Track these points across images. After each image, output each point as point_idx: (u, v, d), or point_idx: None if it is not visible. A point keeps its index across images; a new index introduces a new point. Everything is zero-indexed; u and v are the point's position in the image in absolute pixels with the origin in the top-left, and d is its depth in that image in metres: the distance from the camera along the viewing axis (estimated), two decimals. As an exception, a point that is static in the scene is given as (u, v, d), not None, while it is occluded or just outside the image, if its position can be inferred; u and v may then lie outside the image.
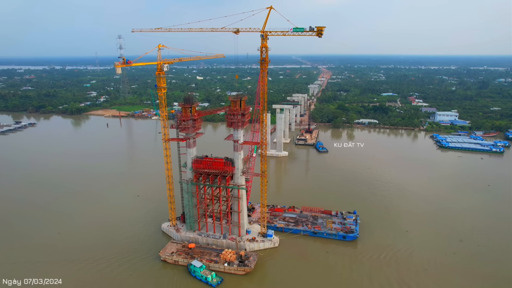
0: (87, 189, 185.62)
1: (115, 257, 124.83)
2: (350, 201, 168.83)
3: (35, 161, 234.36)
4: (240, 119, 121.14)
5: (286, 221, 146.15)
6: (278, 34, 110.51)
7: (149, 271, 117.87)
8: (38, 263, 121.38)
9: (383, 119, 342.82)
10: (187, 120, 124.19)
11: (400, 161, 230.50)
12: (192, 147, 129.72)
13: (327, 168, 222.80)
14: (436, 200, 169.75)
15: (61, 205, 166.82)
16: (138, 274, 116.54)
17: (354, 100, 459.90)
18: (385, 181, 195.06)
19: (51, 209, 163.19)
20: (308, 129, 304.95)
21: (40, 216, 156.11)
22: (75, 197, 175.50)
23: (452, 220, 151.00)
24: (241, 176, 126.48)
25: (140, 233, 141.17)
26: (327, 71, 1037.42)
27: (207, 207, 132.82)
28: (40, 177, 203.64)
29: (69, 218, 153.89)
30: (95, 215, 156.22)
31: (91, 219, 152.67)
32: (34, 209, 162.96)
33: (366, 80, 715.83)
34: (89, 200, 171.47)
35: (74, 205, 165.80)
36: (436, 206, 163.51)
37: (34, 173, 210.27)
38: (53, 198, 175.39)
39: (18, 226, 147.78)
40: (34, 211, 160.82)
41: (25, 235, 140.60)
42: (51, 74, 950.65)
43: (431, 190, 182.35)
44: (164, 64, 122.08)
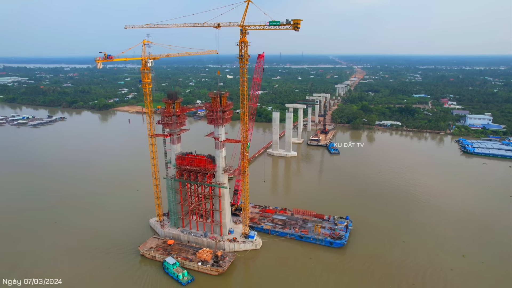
0: (90, 182, 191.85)
1: (97, 248, 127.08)
2: (349, 205, 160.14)
3: (44, 154, 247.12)
4: (220, 116, 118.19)
5: (274, 223, 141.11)
6: (256, 28, 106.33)
7: (126, 265, 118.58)
8: (33, 251, 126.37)
9: (408, 122, 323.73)
10: (170, 116, 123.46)
11: (416, 166, 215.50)
12: (176, 143, 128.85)
13: (334, 170, 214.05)
14: (444, 210, 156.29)
15: (58, 195, 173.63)
16: (115, 267, 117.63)
17: (381, 101, 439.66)
18: (393, 186, 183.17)
19: (49, 200, 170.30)
20: (323, 129, 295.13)
21: (39, 205, 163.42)
22: (74, 188, 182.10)
23: (458, 233, 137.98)
24: (223, 174, 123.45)
25: (128, 226, 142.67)
26: (362, 71, 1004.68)
27: (190, 205, 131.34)
28: (43, 169, 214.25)
29: (67, 208, 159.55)
30: (93, 206, 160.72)
31: (87, 210, 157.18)
32: (33, 198, 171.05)
33: (400, 80, 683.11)
34: (88, 192, 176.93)
35: (72, 196, 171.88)
36: (442, 216, 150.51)
37: (38, 165, 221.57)
38: (53, 188, 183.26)
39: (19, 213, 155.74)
40: (34, 200, 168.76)
41: (25, 222, 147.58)
42: (92, 72, 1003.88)
43: (441, 198, 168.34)
44: (149, 60, 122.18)
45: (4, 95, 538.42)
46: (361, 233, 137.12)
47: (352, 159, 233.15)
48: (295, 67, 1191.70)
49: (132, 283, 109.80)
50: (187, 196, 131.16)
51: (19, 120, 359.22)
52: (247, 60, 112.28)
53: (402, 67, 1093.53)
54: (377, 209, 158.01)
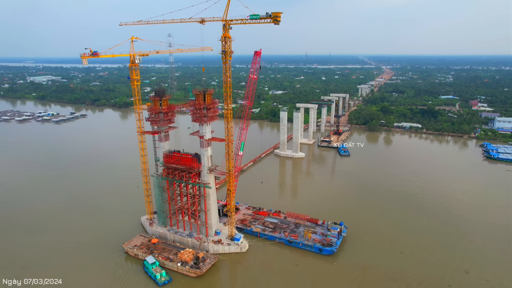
0: (93, 177, 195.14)
1: (85, 243, 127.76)
2: (349, 210, 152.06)
3: (56, 148, 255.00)
4: (204, 113, 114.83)
5: (265, 226, 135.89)
6: (238, 23, 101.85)
7: (110, 262, 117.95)
8: (29, 245, 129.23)
9: (429, 124, 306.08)
10: (156, 113, 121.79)
11: (430, 170, 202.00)
12: (163, 141, 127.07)
13: (341, 173, 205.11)
14: (452, 220, 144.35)
15: (58, 190, 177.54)
16: (99, 263, 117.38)
17: (404, 102, 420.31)
18: (401, 192, 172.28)
19: (49, 193, 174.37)
20: (337, 130, 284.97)
21: (38, 197, 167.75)
22: (75, 182, 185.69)
23: (465, 246, 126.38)
24: (208, 174, 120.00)
25: (122, 223, 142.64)
26: (390, 71, 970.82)
27: (177, 204, 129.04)
28: (48, 163, 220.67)
29: (65, 202, 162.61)
30: (92, 201, 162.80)
31: (85, 206, 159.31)
32: (34, 189, 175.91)
33: (429, 81, 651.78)
34: (89, 188, 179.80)
35: (73, 191, 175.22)
36: (450, 227, 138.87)
37: (44, 159, 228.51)
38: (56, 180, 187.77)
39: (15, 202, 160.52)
40: (34, 191, 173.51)
41: (23, 216, 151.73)
42: (121, 71, 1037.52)
43: (452, 206, 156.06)
44: (137, 56, 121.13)
45: (36, 92, 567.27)
46: (356, 241, 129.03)
47: (362, 161, 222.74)
48: (321, 67, 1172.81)
49: (111, 281, 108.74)
50: (174, 194, 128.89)
51: (44, 117, 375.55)
52: (231, 56, 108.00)
53: (433, 67, 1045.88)
54: (379, 215, 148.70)
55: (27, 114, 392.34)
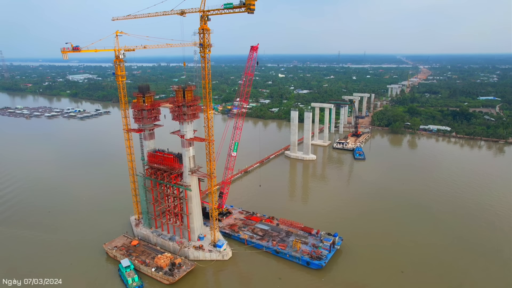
0: (94, 173, 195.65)
1: (70, 242, 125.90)
2: (350, 220, 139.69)
3: (72, 143, 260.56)
4: (184, 111, 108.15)
5: (254, 233, 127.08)
6: (215, 13, 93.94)
7: (89, 263, 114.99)
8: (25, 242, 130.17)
9: (460, 127, 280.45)
10: (139, 110, 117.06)
11: (452, 178, 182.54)
12: (148, 139, 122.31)
13: (351, 178, 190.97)
14: (465, 236, 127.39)
15: (57, 185, 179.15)
16: (78, 263, 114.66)
17: (437, 103, 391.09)
18: (415, 202, 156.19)
19: (47, 189, 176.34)
20: (355, 132, 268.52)
21: (37, 193, 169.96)
22: (74, 178, 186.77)
23: (477, 268, 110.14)
24: (190, 175, 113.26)
25: (112, 221, 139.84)
26: (427, 71, 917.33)
27: (160, 205, 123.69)
28: (55, 154, 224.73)
29: (63, 198, 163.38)
30: (89, 198, 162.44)
31: (81, 202, 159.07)
32: (34, 186, 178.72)
33: (469, 81, 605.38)
34: (87, 184, 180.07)
35: (71, 186, 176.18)
36: (466, 246, 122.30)
37: (54, 153, 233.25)
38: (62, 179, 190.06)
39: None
40: (37, 188, 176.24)
41: (21, 211, 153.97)
42: (155, 69, 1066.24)
43: (469, 222, 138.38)
44: (122, 51, 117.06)
45: (70, 90, 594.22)
46: (351, 255, 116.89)
47: (377, 166, 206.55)
48: (355, 66, 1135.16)
49: (85, 283, 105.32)
50: (158, 196, 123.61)
51: (70, 113, 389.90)
52: (209, 50, 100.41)
53: (476, 66, 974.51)
54: (383, 227, 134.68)
55: (56, 111, 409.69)
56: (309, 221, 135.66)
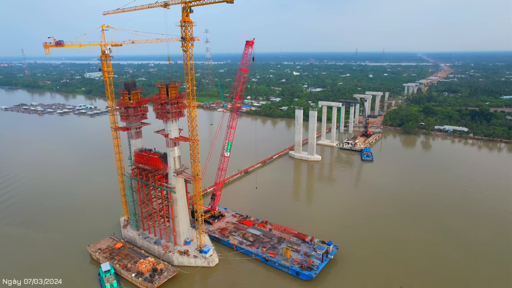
0: (90, 172, 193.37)
1: (54, 242, 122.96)
2: (349, 227, 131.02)
3: (78, 138, 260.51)
4: (168, 109, 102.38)
5: (245, 238, 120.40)
6: (196, 4, 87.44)
7: (71, 264, 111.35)
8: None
9: (478, 128, 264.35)
10: (125, 108, 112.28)
11: (465, 184, 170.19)
12: (134, 138, 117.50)
13: (357, 181, 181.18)
14: (478, 251, 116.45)
15: (52, 184, 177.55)
16: (60, 265, 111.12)
17: (455, 102, 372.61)
18: (422, 208, 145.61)
19: (42, 188, 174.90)
20: (364, 132, 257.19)
21: (29, 191, 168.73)
22: (71, 177, 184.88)
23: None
24: (175, 176, 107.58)
25: (101, 222, 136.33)
26: (449, 69, 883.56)
27: (147, 206, 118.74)
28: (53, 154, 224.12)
29: (58, 197, 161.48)
30: (84, 197, 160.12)
31: (76, 202, 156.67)
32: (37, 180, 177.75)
33: (493, 80, 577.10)
34: (83, 183, 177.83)
35: (66, 185, 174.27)
36: (474, 260, 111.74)
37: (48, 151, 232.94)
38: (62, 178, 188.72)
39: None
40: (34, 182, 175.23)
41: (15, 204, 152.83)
42: (171, 68, 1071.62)
43: (479, 234, 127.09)
44: (108, 46, 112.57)
45: (85, 87, 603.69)
46: (347, 266, 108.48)
47: (385, 168, 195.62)
48: (373, 64, 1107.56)
49: (62, 287, 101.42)
50: (145, 197, 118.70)
51: (81, 110, 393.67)
52: (193, 44, 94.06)
53: (502, 64, 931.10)
54: (385, 236, 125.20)
55: (68, 107, 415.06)
56: (305, 227, 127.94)
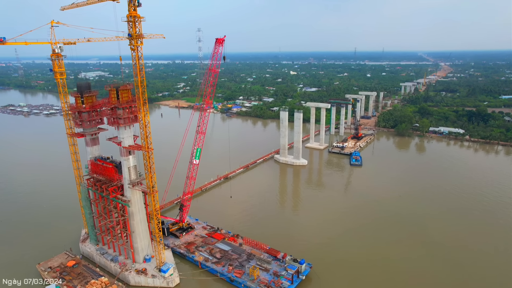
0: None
1: (5, 259, 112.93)
2: (326, 242, 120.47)
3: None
4: (119, 114, 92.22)
5: (211, 254, 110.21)
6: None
7: (17, 285, 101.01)
8: None
9: (475, 130, 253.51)
10: (78, 112, 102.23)
11: (459, 190, 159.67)
12: (90, 145, 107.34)
13: (343, 188, 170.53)
14: (469, 270, 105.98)
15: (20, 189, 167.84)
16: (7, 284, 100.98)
17: (453, 102, 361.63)
18: (409, 219, 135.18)
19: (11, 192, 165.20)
20: (355, 134, 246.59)
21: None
22: (43, 182, 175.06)
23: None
24: (130, 188, 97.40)
25: (63, 235, 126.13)
26: (448, 68, 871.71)
27: (104, 219, 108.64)
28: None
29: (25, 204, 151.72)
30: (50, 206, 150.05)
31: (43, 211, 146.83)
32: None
33: (492, 79, 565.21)
34: (56, 189, 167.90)
35: (39, 191, 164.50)
36: (463, 281, 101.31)
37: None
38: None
39: None
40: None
41: None
42: (168, 67, 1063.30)
43: (471, 248, 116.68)
44: (59, 45, 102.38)
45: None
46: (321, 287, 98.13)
47: (374, 174, 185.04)
48: (372, 63, 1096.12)
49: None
50: (102, 209, 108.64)
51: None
52: (142, 42, 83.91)
53: (503, 63, 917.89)
54: (367, 252, 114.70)
55: (56, 108, 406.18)
56: (281, 241, 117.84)
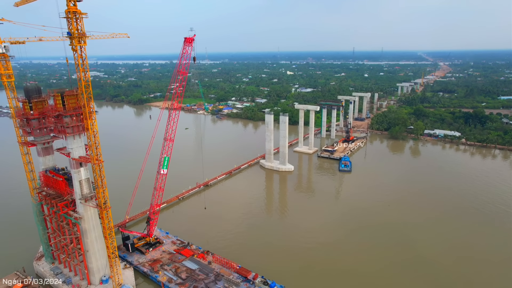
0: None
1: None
2: (301, 261, 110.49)
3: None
4: (67, 122, 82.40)
5: (176, 274, 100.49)
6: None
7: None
8: None
9: (471, 132, 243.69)
10: (26, 120, 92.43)
11: (454, 199, 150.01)
12: (42, 155, 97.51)
13: (328, 197, 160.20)
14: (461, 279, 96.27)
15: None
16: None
17: (450, 103, 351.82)
18: (397, 232, 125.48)
19: None
20: (346, 137, 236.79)
21: None
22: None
23: None
24: (82, 203, 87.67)
25: (20, 252, 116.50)
26: (447, 68, 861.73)
27: (58, 237, 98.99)
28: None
29: None
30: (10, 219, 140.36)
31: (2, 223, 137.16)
32: None
33: (491, 79, 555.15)
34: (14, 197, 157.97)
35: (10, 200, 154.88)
36: None
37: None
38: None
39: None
40: None
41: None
42: (165, 67, 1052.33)
43: (466, 265, 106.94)
44: (4, 44, 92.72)
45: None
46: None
47: (364, 181, 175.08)
48: (370, 63, 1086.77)
49: None
50: (56, 225, 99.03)
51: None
52: (85, 42, 74.17)
53: (502, 63, 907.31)
54: (348, 272, 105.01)
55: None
56: (254, 257, 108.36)
